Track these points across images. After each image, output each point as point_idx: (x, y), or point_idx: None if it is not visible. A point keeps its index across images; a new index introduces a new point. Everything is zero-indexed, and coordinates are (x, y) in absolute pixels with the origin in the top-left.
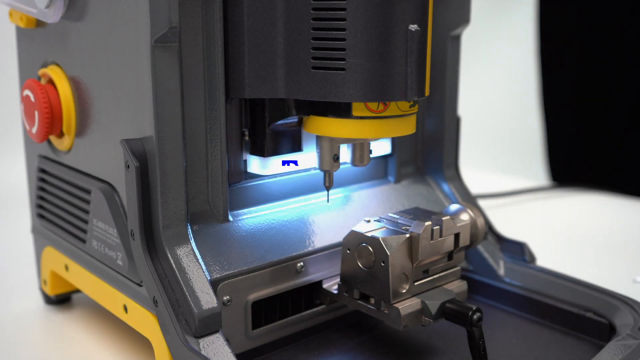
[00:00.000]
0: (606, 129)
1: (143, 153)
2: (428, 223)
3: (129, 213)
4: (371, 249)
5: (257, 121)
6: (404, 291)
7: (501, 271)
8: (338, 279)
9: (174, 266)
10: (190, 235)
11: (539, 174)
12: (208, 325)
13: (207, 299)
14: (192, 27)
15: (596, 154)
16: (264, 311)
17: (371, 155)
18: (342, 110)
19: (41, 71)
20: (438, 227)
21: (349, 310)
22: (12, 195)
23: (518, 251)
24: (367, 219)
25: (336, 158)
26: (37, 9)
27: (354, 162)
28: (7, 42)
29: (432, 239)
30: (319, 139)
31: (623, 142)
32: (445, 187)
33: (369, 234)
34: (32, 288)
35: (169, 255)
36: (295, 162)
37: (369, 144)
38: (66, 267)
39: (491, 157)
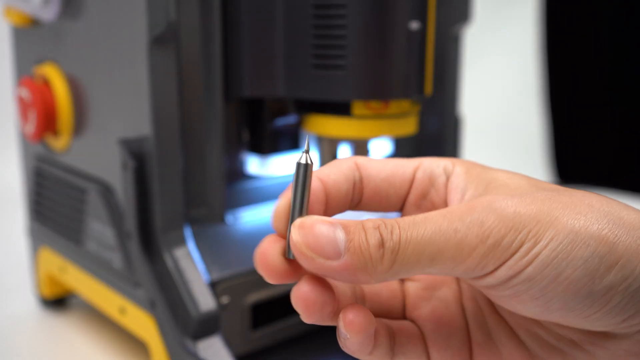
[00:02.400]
0: (611, 126)
1: (140, 153)
2: None
3: (126, 214)
4: None
5: (256, 120)
6: None
7: None
8: None
9: (172, 267)
10: (189, 236)
11: (544, 172)
12: (206, 327)
13: (206, 301)
14: (190, 24)
15: (601, 151)
16: (263, 313)
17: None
18: (342, 109)
19: (36, 70)
20: None
21: None
22: (7, 196)
23: None
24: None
25: (336, 157)
26: (33, 6)
27: None
28: (2, 40)
29: None
30: (319, 138)
31: (628, 140)
32: None
33: None
34: (27, 290)
35: (166, 256)
36: None
37: (370, 143)
38: (62, 269)
39: (495, 156)
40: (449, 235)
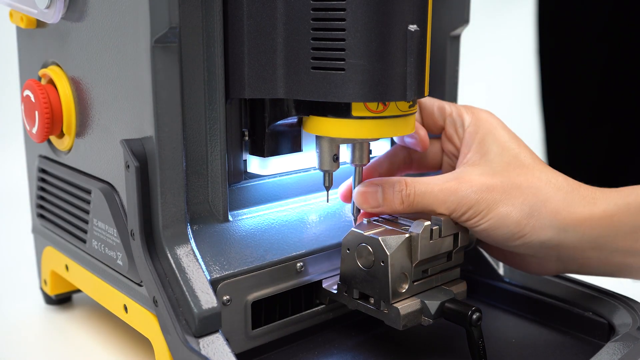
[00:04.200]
0: (606, 129)
1: (143, 153)
2: (427, 223)
3: (129, 213)
4: (371, 249)
5: (257, 121)
6: (404, 291)
7: (500, 271)
8: (337, 279)
9: (173, 266)
10: (190, 235)
11: None
12: (208, 325)
13: (207, 299)
14: (192, 27)
15: (596, 153)
16: (263, 311)
17: (371, 155)
18: (341, 111)
19: (41, 71)
20: (437, 227)
21: (349, 310)
22: (12, 195)
23: None
24: (367, 218)
25: (336, 158)
26: (38, 9)
27: (353, 162)
28: (7, 42)
29: (431, 238)
30: (318, 139)
31: (623, 143)
32: None
33: (369, 234)
34: (33, 288)
35: (168, 255)
36: None
37: (369, 144)
38: (66, 267)
39: None
40: (438, 204)
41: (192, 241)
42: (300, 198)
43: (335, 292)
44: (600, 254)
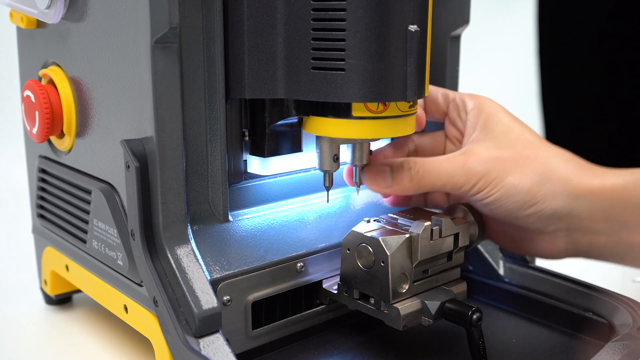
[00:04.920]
0: (606, 128)
1: (143, 153)
2: (428, 223)
3: (129, 213)
4: (371, 249)
5: (257, 121)
6: (404, 291)
7: (501, 271)
8: (338, 279)
9: (174, 266)
10: (190, 235)
11: None
12: (208, 325)
13: (207, 299)
14: (192, 27)
15: (596, 153)
16: (264, 311)
17: (371, 156)
18: (341, 111)
19: (42, 72)
20: (438, 227)
21: (349, 310)
22: (12, 195)
23: None
24: (367, 219)
25: (336, 158)
26: (38, 9)
27: (354, 162)
28: (7, 42)
29: (431, 239)
30: (318, 139)
31: (623, 142)
32: None
33: (369, 234)
34: (33, 288)
35: (169, 255)
36: None
37: (369, 144)
38: (66, 267)
39: None
40: (447, 178)
41: (193, 241)
42: (300, 198)
43: (335, 292)
44: (610, 227)
